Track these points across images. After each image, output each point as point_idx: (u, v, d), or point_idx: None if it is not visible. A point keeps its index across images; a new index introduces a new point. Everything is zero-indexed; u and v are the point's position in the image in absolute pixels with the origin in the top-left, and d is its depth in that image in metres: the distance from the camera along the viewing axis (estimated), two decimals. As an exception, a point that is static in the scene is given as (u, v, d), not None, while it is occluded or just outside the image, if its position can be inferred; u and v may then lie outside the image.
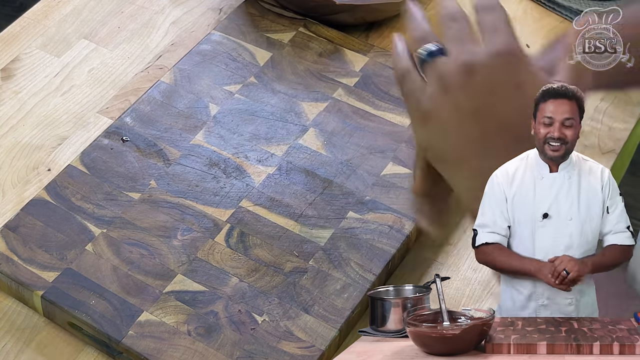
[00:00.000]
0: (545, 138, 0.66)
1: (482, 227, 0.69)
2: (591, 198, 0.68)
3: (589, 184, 0.68)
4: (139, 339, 0.83)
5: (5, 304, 0.89)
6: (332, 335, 0.83)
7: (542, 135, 0.66)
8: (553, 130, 0.66)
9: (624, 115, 1.07)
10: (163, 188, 0.94)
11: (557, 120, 0.66)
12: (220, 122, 1.00)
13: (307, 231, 0.91)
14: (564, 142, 0.66)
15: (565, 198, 0.67)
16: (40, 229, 0.90)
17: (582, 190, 0.67)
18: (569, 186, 0.67)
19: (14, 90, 1.07)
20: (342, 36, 1.10)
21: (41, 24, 1.15)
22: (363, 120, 1.01)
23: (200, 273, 0.87)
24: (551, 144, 0.66)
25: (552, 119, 0.66)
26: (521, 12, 1.19)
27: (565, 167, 0.67)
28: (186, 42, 1.12)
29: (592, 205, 0.68)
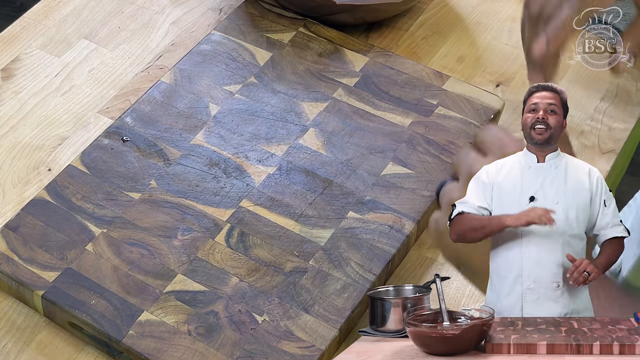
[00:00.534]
0: (531, 124, 0.70)
1: (460, 203, 0.72)
2: (578, 187, 0.70)
3: (576, 174, 0.71)
4: (139, 338, 0.83)
5: (6, 304, 0.89)
6: (332, 335, 0.83)
7: (528, 121, 0.71)
8: (537, 114, 0.69)
9: (624, 115, 1.07)
10: (163, 188, 0.94)
11: (541, 106, 0.71)
12: (221, 122, 1.00)
13: (307, 231, 0.91)
14: (548, 126, 0.70)
15: (551, 184, 0.70)
16: (41, 229, 0.90)
17: (568, 178, 0.71)
18: (556, 174, 0.71)
19: (14, 90, 1.07)
20: (342, 36, 1.10)
21: (41, 24, 1.15)
22: (363, 120, 1.01)
23: (200, 273, 0.87)
24: (536, 127, 0.70)
25: (536, 105, 0.71)
26: (521, 12, 1.19)
27: (552, 158, 0.70)
28: (186, 42, 1.12)
29: (578, 194, 0.70)
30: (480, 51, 1.14)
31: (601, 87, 1.09)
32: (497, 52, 1.14)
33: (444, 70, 1.10)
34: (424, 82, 1.05)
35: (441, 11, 1.19)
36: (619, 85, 1.10)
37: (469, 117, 1.01)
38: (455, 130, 1.00)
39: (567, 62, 0.81)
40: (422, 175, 0.95)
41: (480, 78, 1.11)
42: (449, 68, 1.11)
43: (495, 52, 1.14)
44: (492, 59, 1.13)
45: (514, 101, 1.07)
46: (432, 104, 1.02)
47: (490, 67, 1.12)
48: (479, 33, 1.16)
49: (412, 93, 1.03)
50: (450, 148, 0.98)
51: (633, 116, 1.07)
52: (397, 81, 1.05)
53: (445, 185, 0.83)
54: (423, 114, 1.01)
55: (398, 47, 1.13)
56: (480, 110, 1.02)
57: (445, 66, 1.12)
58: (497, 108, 1.02)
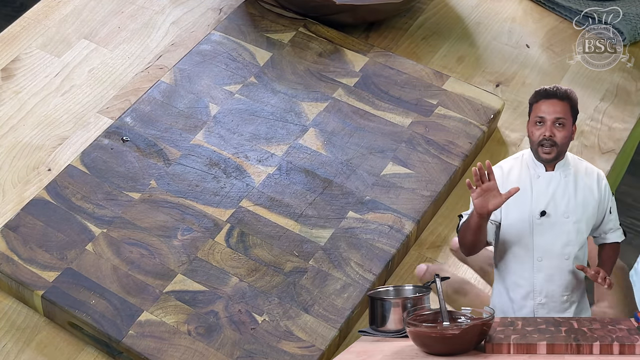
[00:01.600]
0: (538, 141, 0.67)
1: (467, 213, 0.71)
2: (587, 197, 0.69)
3: (585, 184, 0.69)
4: (139, 338, 0.83)
5: (6, 303, 0.89)
6: (332, 335, 0.83)
7: (535, 137, 0.68)
8: (544, 130, 0.67)
9: (624, 115, 1.07)
10: (163, 188, 0.94)
11: (548, 120, 0.67)
12: (221, 122, 1.00)
13: (307, 231, 0.91)
14: (554, 143, 0.67)
15: (562, 196, 0.68)
16: (41, 229, 0.90)
17: (578, 189, 0.68)
18: (565, 185, 0.68)
19: (14, 90, 1.07)
20: (342, 36, 1.10)
21: (41, 24, 1.15)
22: (363, 120, 1.01)
23: (200, 273, 0.87)
24: (544, 146, 0.67)
25: (543, 119, 0.67)
26: (521, 12, 1.19)
27: (561, 167, 0.68)
28: (186, 42, 1.12)
29: (588, 204, 0.69)
30: (480, 51, 1.14)
31: (601, 87, 1.09)
32: (497, 52, 1.14)
33: (444, 70, 1.10)
34: (424, 82, 1.05)
35: (441, 11, 1.19)
36: (619, 85, 1.10)
37: (469, 117, 1.01)
38: (455, 130, 1.00)
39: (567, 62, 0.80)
40: (422, 175, 0.95)
41: (480, 78, 1.11)
42: (449, 68, 1.11)
43: (495, 52, 1.14)
44: (492, 59, 1.13)
45: (514, 101, 1.07)
46: (432, 104, 1.02)
47: (490, 67, 1.12)
48: (479, 33, 1.16)
49: (412, 93, 1.03)
50: (450, 148, 0.98)
51: (633, 116, 1.07)
52: (397, 81, 1.05)
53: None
54: (423, 114, 1.01)
55: (398, 47, 1.13)
56: (480, 110, 1.02)
57: (445, 66, 1.12)
58: (497, 108, 1.02)
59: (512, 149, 1.03)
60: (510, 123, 1.06)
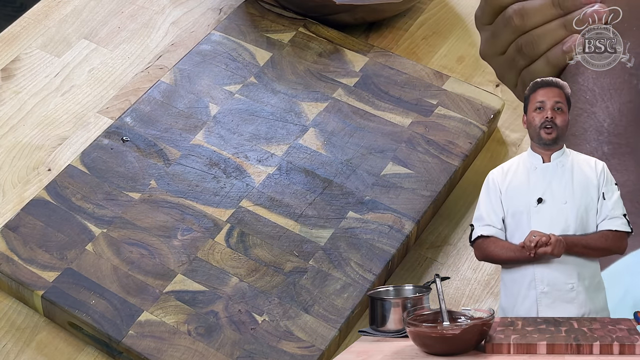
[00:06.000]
0: (540, 124, 0.69)
1: (477, 221, 0.71)
2: (586, 184, 0.69)
3: (582, 171, 0.70)
4: (139, 338, 0.83)
5: (6, 304, 0.89)
6: (332, 335, 0.83)
7: (536, 121, 0.69)
8: (545, 113, 0.68)
9: (624, 115, 1.07)
10: (163, 188, 0.94)
11: (548, 104, 0.70)
12: (220, 122, 1.00)
13: (307, 231, 0.91)
14: (555, 126, 0.69)
15: (559, 183, 0.69)
16: (41, 229, 0.90)
17: (575, 176, 0.69)
18: (562, 173, 0.70)
19: (14, 90, 1.07)
20: (342, 36, 1.10)
21: (41, 24, 1.15)
22: (363, 120, 1.01)
23: (200, 273, 0.87)
24: (546, 127, 0.69)
25: (543, 103, 0.69)
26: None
27: (557, 157, 0.69)
28: (186, 42, 1.12)
29: (587, 190, 0.69)
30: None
31: (601, 87, 1.09)
32: (497, 52, 1.14)
33: (444, 70, 1.10)
34: (424, 82, 1.05)
35: (441, 11, 1.19)
36: (619, 85, 1.10)
37: (469, 117, 1.01)
38: (455, 130, 1.00)
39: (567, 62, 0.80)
40: (422, 175, 0.95)
41: (480, 78, 1.11)
42: (449, 68, 1.11)
43: (495, 52, 1.14)
44: (492, 59, 1.13)
45: (514, 101, 1.07)
46: (432, 104, 1.02)
47: (490, 67, 1.12)
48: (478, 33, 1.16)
49: (412, 93, 1.03)
50: (450, 148, 0.98)
51: (633, 116, 1.07)
52: (397, 81, 1.05)
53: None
54: (423, 114, 1.01)
55: (398, 47, 1.13)
56: (480, 110, 1.02)
57: (445, 66, 1.12)
58: (497, 108, 1.02)
59: (512, 149, 1.03)
60: (510, 123, 1.06)
